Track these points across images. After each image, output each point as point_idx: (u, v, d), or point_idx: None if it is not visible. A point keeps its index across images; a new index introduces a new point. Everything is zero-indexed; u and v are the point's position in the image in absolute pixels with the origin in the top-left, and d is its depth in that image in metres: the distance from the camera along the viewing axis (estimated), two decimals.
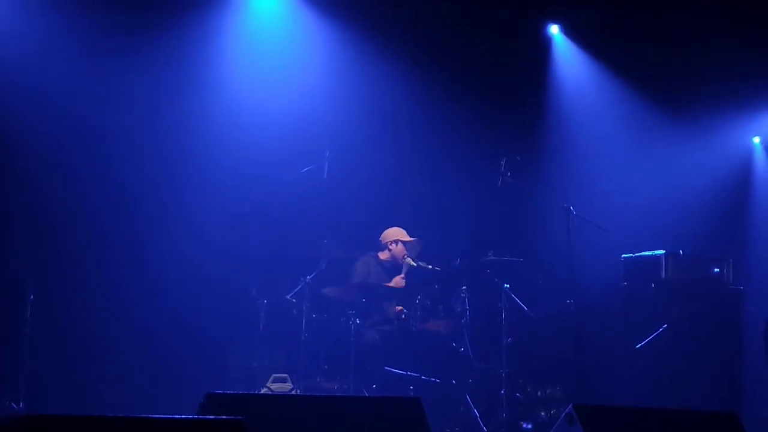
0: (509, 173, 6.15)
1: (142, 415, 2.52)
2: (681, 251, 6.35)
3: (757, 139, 8.42)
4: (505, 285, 5.93)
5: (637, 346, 6.07)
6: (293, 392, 5.63)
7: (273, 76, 6.71)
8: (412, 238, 6.26)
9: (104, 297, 6.03)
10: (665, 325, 6.01)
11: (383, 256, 6.21)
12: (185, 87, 6.48)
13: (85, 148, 6.09)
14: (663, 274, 6.24)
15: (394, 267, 6.18)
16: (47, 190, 5.97)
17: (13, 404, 5.13)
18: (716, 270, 6.42)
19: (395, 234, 6.24)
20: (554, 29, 7.63)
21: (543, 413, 5.93)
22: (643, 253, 6.49)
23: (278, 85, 6.71)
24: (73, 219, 6.03)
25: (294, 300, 5.84)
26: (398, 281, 6.21)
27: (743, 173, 8.32)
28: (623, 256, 6.56)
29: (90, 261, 6.06)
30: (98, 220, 6.07)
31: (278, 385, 5.76)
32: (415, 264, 6.05)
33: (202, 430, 2.55)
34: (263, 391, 5.61)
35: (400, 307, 6.14)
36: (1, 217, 5.87)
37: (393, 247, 6.17)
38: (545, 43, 7.79)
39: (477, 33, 7.24)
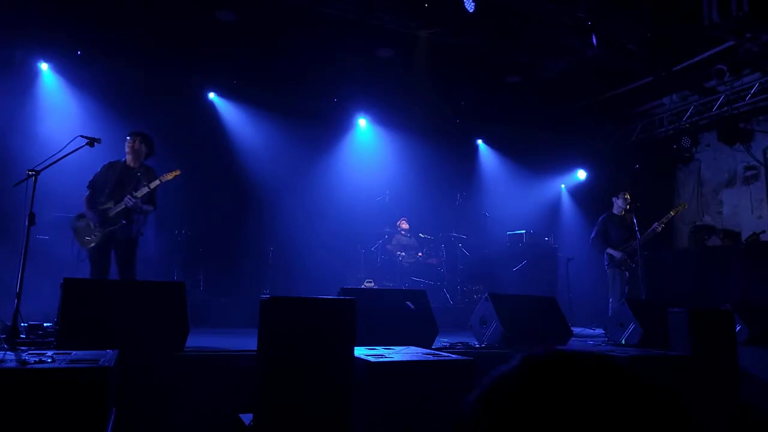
0: (461, 199, 9.47)
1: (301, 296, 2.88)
2: (531, 231, 9.69)
3: (563, 186, 11.20)
4: (460, 245, 8.99)
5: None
6: (374, 287, 8.02)
7: (369, 170, 9.64)
8: (402, 223, 8.87)
9: None
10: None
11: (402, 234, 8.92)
12: (322, 169, 9.37)
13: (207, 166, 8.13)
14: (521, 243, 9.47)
15: (408, 242, 8.89)
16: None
17: None
18: (546, 239, 9.81)
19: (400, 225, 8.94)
20: (479, 142, 10.60)
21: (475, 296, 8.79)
22: (516, 232, 9.65)
23: (370, 174, 9.57)
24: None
25: (374, 249, 8.67)
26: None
27: (554, 209, 11.07)
28: (507, 233, 9.80)
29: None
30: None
31: (368, 284, 8.37)
32: (422, 236, 9.06)
33: (335, 305, 2.91)
34: (363, 285, 8.17)
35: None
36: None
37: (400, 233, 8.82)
38: (474, 150, 10.78)
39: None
